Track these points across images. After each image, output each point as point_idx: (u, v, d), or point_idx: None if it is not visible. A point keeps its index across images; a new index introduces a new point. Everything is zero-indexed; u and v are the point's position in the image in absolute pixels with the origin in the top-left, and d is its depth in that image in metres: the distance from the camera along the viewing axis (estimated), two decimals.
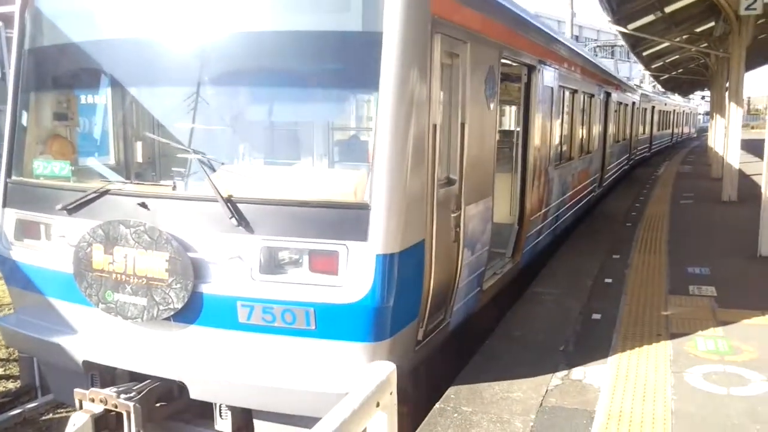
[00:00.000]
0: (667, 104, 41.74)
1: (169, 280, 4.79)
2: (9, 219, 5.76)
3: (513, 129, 11.25)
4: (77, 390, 4.90)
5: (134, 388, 4.90)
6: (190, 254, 4.78)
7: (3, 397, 8.65)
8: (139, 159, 5.94)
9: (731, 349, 6.19)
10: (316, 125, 6.36)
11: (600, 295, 8.03)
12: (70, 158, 5.78)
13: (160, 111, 5.84)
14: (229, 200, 4.73)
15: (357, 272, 4.57)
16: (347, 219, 4.65)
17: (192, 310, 4.84)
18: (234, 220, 4.69)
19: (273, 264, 4.75)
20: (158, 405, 5.01)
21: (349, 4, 4.81)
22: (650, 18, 19.55)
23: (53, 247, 5.41)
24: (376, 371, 3.44)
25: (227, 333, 4.85)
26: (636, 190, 19.12)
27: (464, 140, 5.69)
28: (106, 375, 5.29)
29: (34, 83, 5.88)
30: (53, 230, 5.43)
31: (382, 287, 4.57)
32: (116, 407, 4.74)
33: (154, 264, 4.82)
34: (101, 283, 5.03)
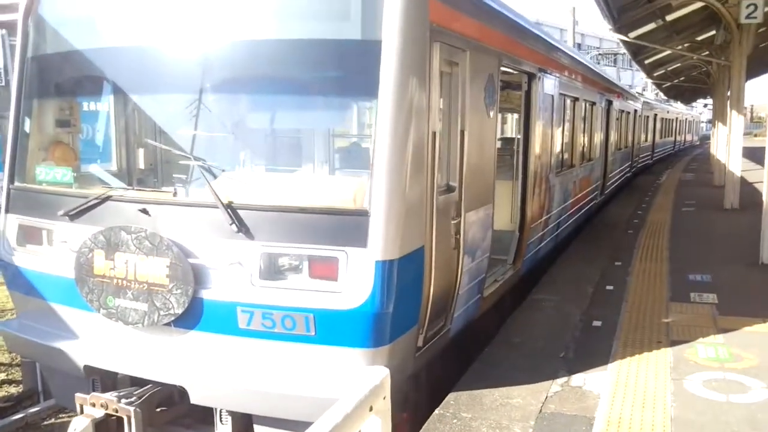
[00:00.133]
0: (669, 112, 41.77)
1: (170, 286, 4.82)
2: (11, 225, 5.79)
3: (514, 136, 11.27)
4: (78, 394, 4.93)
5: (135, 392, 4.92)
6: (191, 260, 4.81)
7: (5, 401, 8.68)
8: (141, 165, 5.98)
9: (731, 357, 6.19)
10: (316, 133, 6.40)
11: (601, 302, 8.03)
12: (73, 165, 5.82)
13: (161, 118, 5.88)
14: (229, 206, 4.76)
15: (356, 278, 4.60)
16: (347, 225, 4.68)
17: (192, 315, 4.87)
18: (234, 227, 4.72)
19: (273, 270, 4.78)
20: (159, 410, 5.03)
21: (348, 13, 4.85)
22: (651, 26, 19.57)
23: (55, 253, 5.44)
24: (370, 376, 3.45)
25: (227, 338, 4.87)
26: (638, 198, 19.13)
27: (464, 148, 5.71)
28: (107, 380, 5.32)
29: (37, 90, 5.93)
30: (55, 236, 5.46)
31: (382, 293, 4.59)
32: (117, 412, 4.76)
33: (155, 270, 4.85)
34: (102, 288, 5.07)
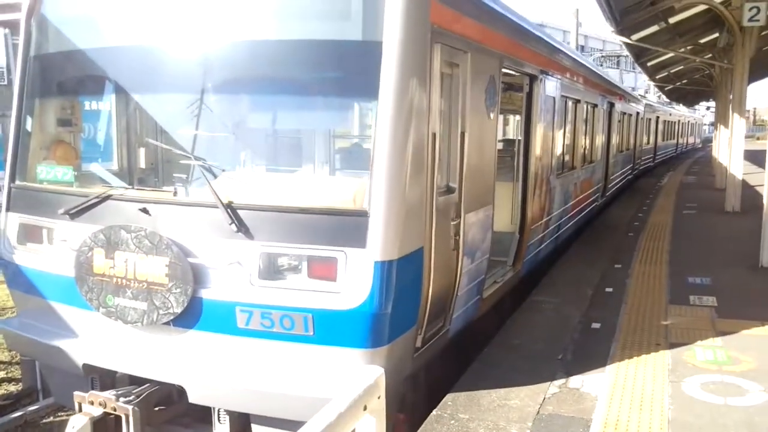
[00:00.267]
0: (671, 114, 41.74)
1: (169, 285, 4.84)
2: (12, 223, 5.81)
3: (515, 138, 11.27)
4: (77, 393, 4.94)
5: (134, 391, 4.94)
6: (190, 259, 4.82)
7: (5, 399, 8.70)
8: (142, 165, 6.00)
9: (730, 360, 6.20)
10: (316, 133, 6.41)
11: (600, 304, 8.04)
12: (74, 164, 5.85)
13: (162, 118, 5.90)
14: (229, 206, 4.78)
15: (355, 279, 4.61)
16: (346, 226, 4.69)
17: (191, 314, 4.88)
18: (234, 226, 4.73)
19: (272, 270, 4.79)
20: (157, 409, 5.05)
21: (349, 14, 4.86)
22: (654, 28, 19.55)
23: (55, 252, 5.46)
24: (364, 375, 3.47)
25: (226, 338, 4.88)
26: (639, 200, 19.12)
27: (464, 149, 5.72)
28: (106, 378, 5.34)
29: (39, 89, 5.95)
30: (55, 234, 5.48)
31: (380, 294, 4.60)
32: (115, 410, 4.78)
33: (155, 269, 4.87)
34: (102, 287, 5.08)
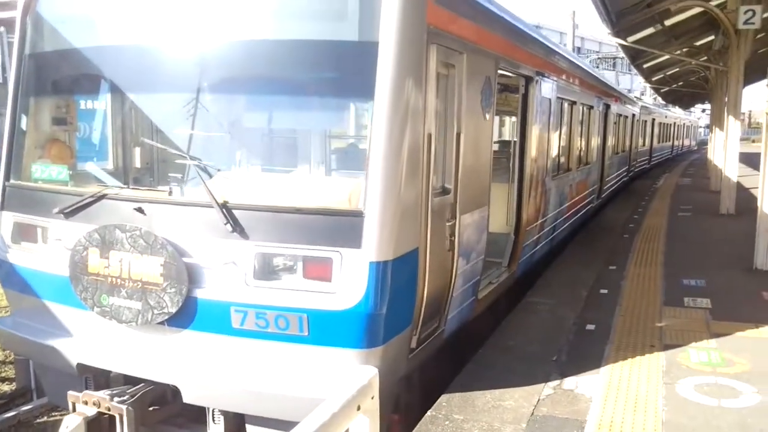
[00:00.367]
0: (667, 117, 41.85)
1: (164, 285, 4.83)
2: (6, 222, 5.79)
3: (511, 139, 11.29)
4: (70, 392, 4.92)
5: (128, 391, 4.93)
6: (185, 259, 4.82)
7: None
8: (137, 164, 5.98)
9: (723, 361, 6.21)
10: (312, 133, 6.41)
11: (595, 306, 8.05)
12: (69, 162, 5.83)
13: (158, 117, 5.88)
14: (224, 206, 4.77)
15: (350, 279, 4.61)
16: (341, 226, 4.69)
17: (186, 314, 4.87)
18: (229, 226, 4.72)
19: (267, 270, 4.79)
20: (151, 409, 5.04)
21: (345, 14, 4.86)
22: (650, 31, 19.63)
23: (50, 251, 5.44)
24: (358, 375, 3.47)
25: (221, 338, 4.87)
26: (635, 202, 19.15)
27: (459, 150, 5.72)
28: (100, 378, 5.32)
29: (34, 88, 5.93)
30: (50, 234, 5.47)
31: (375, 294, 4.60)
32: (109, 410, 4.77)
33: (149, 268, 4.86)
34: (96, 286, 5.07)
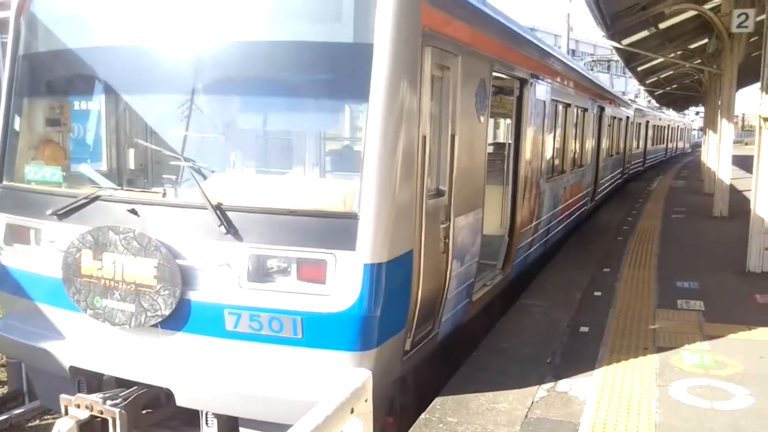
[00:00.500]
0: (661, 119, 41.99)
1: (158, 287, 4.81)
2: None
3: (505, 141, 11.30)
4: (63, 396, 4.91)
5: (121, 394, 4.91)
6: (179, 261, 4.80)
7: None
8: (131, 166, 5.96)
9: (716, 364, 6.23)
10: (306, 135, 6.40)
11: (589, 308, 8.06)
12: (62, 164, 5.81)
13: (152, 118, 5.87)
14: (218, 208, 4.76)
15: (345, 281, 4.60)
16: (336, 228, 4.68)
17: (179, 317, 4.86)
18: (223, 228, 4.71)
19: (261, 272, 4.78)
20: (144, 412, 5.02)
21: (340, 16, 4.86)
22: (644, 34, 19.69)
23: (43, 253, 5.42)
24: (351, 378, 3.46)
25: (214, 340, 4.86)
26: (629, 204, 19.21)
27: (454, 152, 5.73)
28: (93, 381, 5.30)
29: (28, 88, 5.91)
30: (43, 235, 5.44)
31: (370, 297, 4.60)
32: (102, 413, 4.75)
33: (143, 270, 4.84)
34: (90, 288, 5.05)
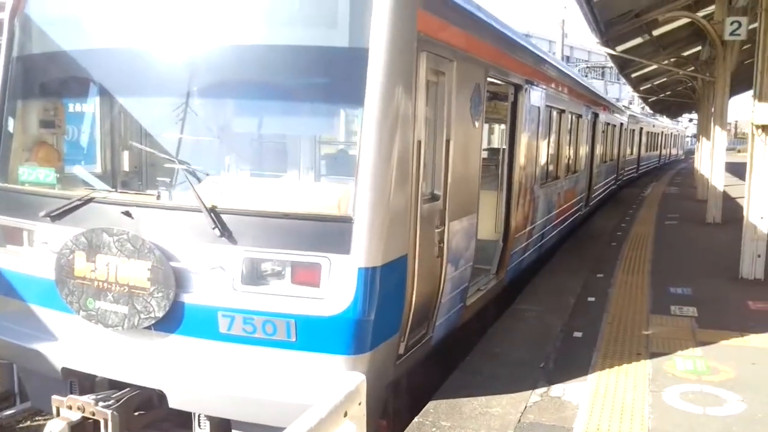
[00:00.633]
0: (655, 126, 42.18)
1: (151, 289, 4.80)
2: None
3: (500, 147, 11.33)
4: (55, 397, 4.89)
5: (113, 396, 4.90)
6: (173, 263, 4.79)
7: None
8: (126, 168, 5.96)
9: (709, 369, 6.25)
10: (301, 139, 6.41)
11: (582, 313, 8.08)
12: (56, 166, 5.80)
13: (147, 121, 5.87)
14: (212, 211, 4.76)
15: (339, 285, 4.60)
16: (330, 232, 4.69)
17: (173, 319, 4.85)
18: (217, 231, 4.71)
19: (255, 275, 4.77)
20: (137, 414, 5.00)
21: (336, 21, 4.87)
22: (638, 41, 19.79)
23: (36, 254, 5.40)
24: (345, 381, 3.46)
25: (208, 343, 4.85)
26: (622, 210, 19.26)
27: (449, 157, 5.74)
28: (85, 382, 5.27)
29: (22, 90, 5.90)
30: (36, 237, 5.42)
31: (364, 300, 4.60)
32: (94, 415, 4.74)
33: (136, 272, 4.83)
34: (83, 290, 5.03)
